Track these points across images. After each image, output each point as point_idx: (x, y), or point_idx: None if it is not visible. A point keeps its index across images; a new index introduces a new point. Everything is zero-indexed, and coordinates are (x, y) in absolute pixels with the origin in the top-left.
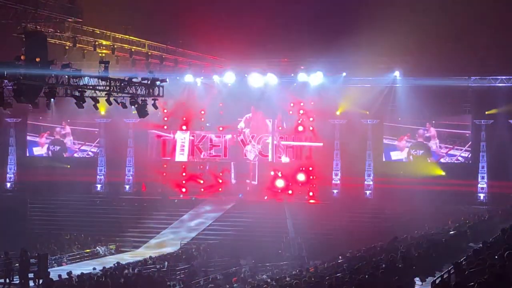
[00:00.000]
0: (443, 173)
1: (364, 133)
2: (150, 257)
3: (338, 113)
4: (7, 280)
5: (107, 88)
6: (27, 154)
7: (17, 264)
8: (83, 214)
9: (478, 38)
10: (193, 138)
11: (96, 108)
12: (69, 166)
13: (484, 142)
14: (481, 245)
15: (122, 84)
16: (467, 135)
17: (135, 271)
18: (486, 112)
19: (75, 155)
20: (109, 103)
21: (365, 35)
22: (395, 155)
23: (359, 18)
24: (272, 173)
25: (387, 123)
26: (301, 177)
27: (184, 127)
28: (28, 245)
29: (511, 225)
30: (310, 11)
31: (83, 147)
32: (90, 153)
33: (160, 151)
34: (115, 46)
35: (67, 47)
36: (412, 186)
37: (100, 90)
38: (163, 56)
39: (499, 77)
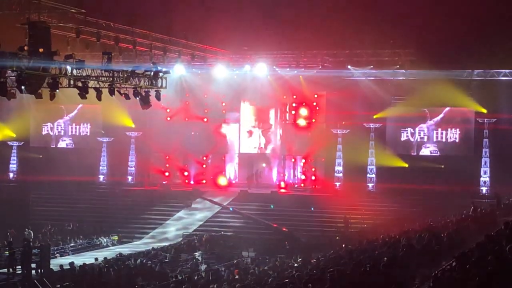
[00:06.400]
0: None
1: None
2: (153, 248)
3: (343, 122)
4: (11, 270)
5: (110, 79)
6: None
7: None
8: (86, 205)
9: (481, 31)
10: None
11: (99, 99)
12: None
13: (487, 139)
14: (483, 239)
15: (125, 75)
16: (470, 129)
17: (137, 262)
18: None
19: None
20: (112, 93)
21: (369, 28)
22: (397, 150)
23: (362, 10)
24: (274, 167)
25: (389, 117)
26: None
27: (186, 119)
28: (32, 236)
29: None
30: (311, 2)
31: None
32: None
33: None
34: (119, 37)
35: (69, 38)
36: (414, 179)
37: (103, 81)
38: (167, 48)
39: (502, 70)
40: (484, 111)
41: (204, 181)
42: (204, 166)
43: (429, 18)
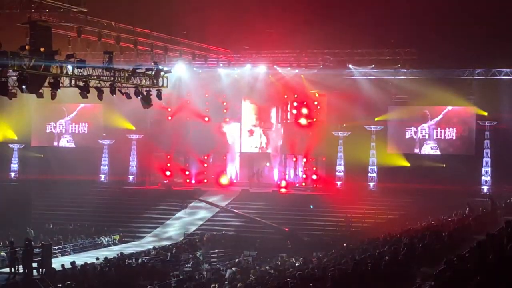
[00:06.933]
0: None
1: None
2: (154, 247)
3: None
4: (12, 270)
5: (112, 78)
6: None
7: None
8: (87, 204)
9: (482, 30)
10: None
11: (101, 98)
12: None
13: (488, 140)
14: (484, 237)
15: (127, 75)
16: (471, 129)
17: (139, 261)
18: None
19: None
20: (113, 93)
21: (370, 27)
22: (399, 148)
23: (362, 9)
24: (275, 166)
25: (391, 118)
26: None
27: (187, 118)
28: (33, 235)
29: None
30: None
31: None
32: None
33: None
34: (120, 37)
35: (71, 37)
36: (416, 179)
37: (104, 81)
38: (168, 47)
39: (504, 69)
40: (485, 113)
41: (205, 180)
42: (205, 165)
43: (430, 17)
